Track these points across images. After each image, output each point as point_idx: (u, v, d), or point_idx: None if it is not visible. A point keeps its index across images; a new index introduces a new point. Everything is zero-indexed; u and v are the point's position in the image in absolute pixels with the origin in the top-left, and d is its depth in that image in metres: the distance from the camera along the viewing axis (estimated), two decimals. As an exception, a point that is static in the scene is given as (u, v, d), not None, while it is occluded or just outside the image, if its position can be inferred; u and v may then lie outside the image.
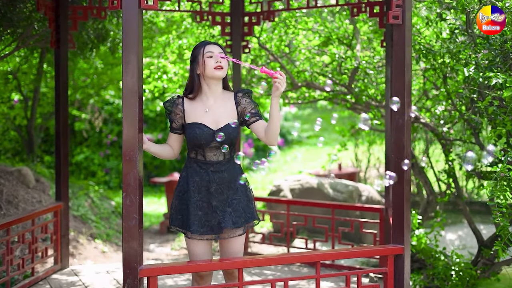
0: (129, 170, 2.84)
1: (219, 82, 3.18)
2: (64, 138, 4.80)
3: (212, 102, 3.17)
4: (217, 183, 3.12)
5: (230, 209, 3.11)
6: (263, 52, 5.93)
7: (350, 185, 6.68)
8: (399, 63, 3.33)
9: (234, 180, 3.15)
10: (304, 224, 5.06)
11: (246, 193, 3.20)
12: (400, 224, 3.37)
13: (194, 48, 3.21)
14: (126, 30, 2.84)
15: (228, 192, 3.14)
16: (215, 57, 3.12)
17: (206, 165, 3.14)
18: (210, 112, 3.15)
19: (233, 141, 3.15)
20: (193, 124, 3.13)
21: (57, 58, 4.80)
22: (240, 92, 3.22)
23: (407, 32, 3.33)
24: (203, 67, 3.12)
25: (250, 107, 3.18)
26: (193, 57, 3.18)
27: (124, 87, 2.85)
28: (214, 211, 3.11)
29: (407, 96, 3.34)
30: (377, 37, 5.87)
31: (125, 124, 2.84)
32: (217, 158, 3.14)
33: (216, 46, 3.17)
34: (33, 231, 4.50)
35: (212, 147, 3.13)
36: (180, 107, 3.18)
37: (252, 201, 3.22)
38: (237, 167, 3.21)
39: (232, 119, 3.15)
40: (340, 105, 5.91)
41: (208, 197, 3.12)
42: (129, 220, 2.86)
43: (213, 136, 3.09)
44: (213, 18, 5.15)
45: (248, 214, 3.17)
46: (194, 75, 3.17)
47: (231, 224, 3.08)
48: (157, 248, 6.68)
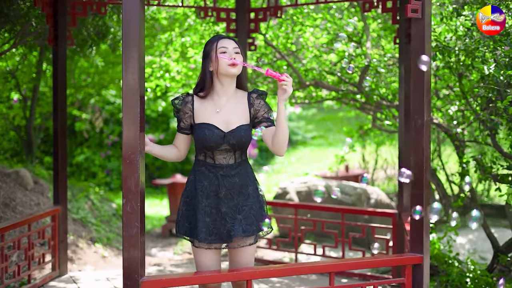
0: (129, 174, 2.64)
1: (233, 80, 2.96)
2: (63, 138, 4.60)
3: (224, 102, 2.95)
4: (227, 188, 2.90)
5: (240, 216, 2.89)
6: (269, 50, 5.71)
7: (358, 188, 6.47)
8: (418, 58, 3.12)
9: (246, 185, 2.94)
10: (313, 229, 4.85)
11: (259, 199, 2.98)
12: (419, 232, 3.16)
13: (207, 43, 2.99)
14: (126, 23, 2.64)
15: (239, 198, 2.92)
16: (229, 53, 2.89)
17: (215, 168, 2.92)
18: (222, 112, 2.93)
19: (245, 144, 2.93)
20: (203, 124, 2.91)
21: (55, 55, 4.60)
22: (254, 93, 3.00)
23: (427, 27, 3.12)
24: (216, 63, 2.89)
25: (264, 111, 2.96)
26: (205, 53, 2.96)
27: (125, 85, 2.65)
28: (223, 218, 2.89)
29: (427, 95, 3.13)
30: (388, 34, 5.66)
31: (125, 124, 2.64)
32: (227, 161, 2.93)
33: (231, 41, 2.94)
34: (30, 237, 4.29)
35: (222, 150, 2.91)
36: (190, 106, 2.96)
37: (264, 209, 3.00)
38: (249, 172, 2.99)
39: (245, 121, 2.94)
40: (349, 105, 5.69)
41: (217, 202, 2.90)
42: (130, 228, 2.65)
43: (223, 138, 2.88)
44: (217, 14, 4.94)
45: (260, 222, 2.94)
46: (206, 72, 2.94)
47: (241, 233, 2.86)
48: (159, 253, 6.47)
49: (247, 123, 2.94)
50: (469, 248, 6.75)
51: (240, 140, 2.88)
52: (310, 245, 5.05)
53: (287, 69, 5.59)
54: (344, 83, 5.30)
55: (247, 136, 2.91)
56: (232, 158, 2.93)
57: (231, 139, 2.88)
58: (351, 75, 5.24)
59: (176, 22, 6.68)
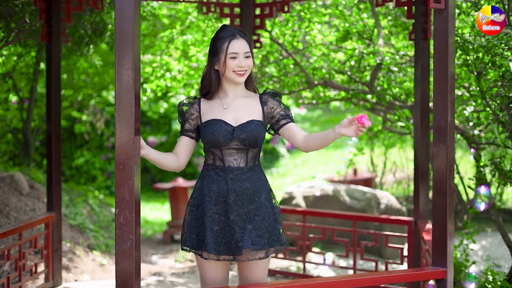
0: (123, 182, 2.36)
1: (241, 84, 2.74)
2: (56, 141, 4.33)
3: (231, 100, 2.71)
4: (236, 193, 2.62)
5: (250, 226, 2.61)
6: (275, 48, 5.44)
7: (367, 192, 6.18)
8: (441, 55, 2.85)
9: (258, 193, 2.66)
10: (322, 238, 4.57)
11: (273, 210, 2.70)
12: (442, 243, 2.88)
13: (217, 37, 2.70)
14: (120, 14, 2.37)
15: (250, 206, 2.64)
16: (239, 59, 2.65)
17: (224, 171, 2.65)
18: (229, 108, 2.69)
19: (256, 141, 2.65)
20: (210, 121, 2.66)
21: (49, 53, 4.33)
22: (266, 94, 2.76)
23: (450, 19, 2.85)
24: (224, 67, 2.65)
25: (279, 108, 2.72)
26: (213, 50, 2.69)
27: (118, 82, 2.38)
28: (232, 227, 2.60)
29: (450, 93, 2.86)
30: (399, 32, 5.38)
31: (118, 126, 2.37)
32: (238, 163, 2.66)
33: (243, 41, 2.68)
34: (21, 246, 4.02)
35: (232, 148, 2.64)
36: (196, 107, 2.72)
37: (279, 221, 2.72)
38: (262, 179, 2.72)
39: (257, 117, 2.69)
40: (358, 106, 5.41)
41: (225, 209, 2.62)
42: (123, 242, 2.38)
43: (232, 133, 2.62)
44: (221, 10, 4.67)
45: (273, 236, 2.65)
46: (212, 70, 2.70)
47: (250, 245, 2.57)
48: (160, 260, 6.19)
49: (260, 119, 2.69)
50: (482, 254, 6.48)
51: (251, 135, 2.62)
52: (319, 254, 4.74)
53: (294, 68, 5.32)
54: (354, 83, 5.01)
55: (258, 130, 2.65)
56: (243, 160, 2.66)
57: (241, 133, 2.62)
58: (361, 74, 4.96)
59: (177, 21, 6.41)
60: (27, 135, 7.39)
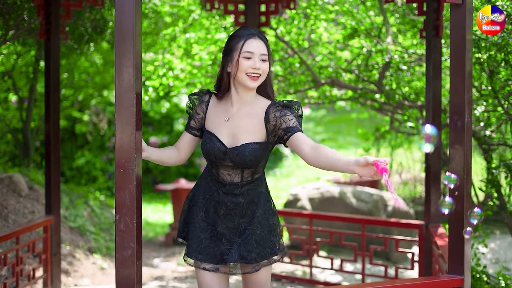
0: (123, 186, 2.22)
1: (252, 89, 2.49)
2: (55, 142, 4.19)
3: (234, 111, 2.49)
4: (227, 207, 2.49)
5: (239, 239, 2.47)
6: (280, 46, 5.29)
7: (374, 194, 6.03)
8: (457, 51, 2.71)
9: (252, 207, 2.50)
10: (330, 242, 4.42)
11: (268, 222, 2.53)
12: (459, 251, 2.74)
13: (233, 36, 2.49)
14: (120, 8, 2.23)
15: (241, 220, 2.50)
16: (255, 60, 2.41)
17: (218, 183, 2.51)
18: (231, 122, 2.48)
19: (250, 166, 2.45)
20: (207, 133, 2.50)
21: (48, 51, 4.20)
22: (274, 106, 2.46)
23: (468, 14, 2.71)
24: (236, 68, 2.43)
25: (281, 123, 2.41)
26: (227, 49, 2.48)
27: (118, 81, 2.24)
28: (219, 238, 2.49)
29: (468, 91, 2.71)
30: (407, 29, 5.24)
31: (118, 127, 2.23)
32: (232, 179, 2.49)
33: (260, 42, 2.44)
34: (18, 251, 3.88)
35: (227, 165, 2.48)
36: (204, 107, 2.54)
37: (275, 233, 2.55)
38: (260, 192, 2.53)
39: (256, 139, 2.44)
40: (366, 106, 5.26)
41: (214, 220, 2.51)
42: (123, 250, 2.23)
43: (225, 154, 2.45)
44: (225, 6, 4.53)
45: (267, 248, 2.50)
46: (224, 72, 2.50)
47: (236, 258, 2.44)
48: (162, 263, 6.05)
49: (259, 141, 2.44)
50: (491, 257, 6.34)
51: (243, 160, 2.42)
52: (327, 259, 4.59)
53: (299, 67, 5.17)
54: (362, 82, 4.86)
55: (252, 157, 2.42)
56: (238, 176, 2.49)
57: (234, 157, 2.44)
58: (369, 72, 4.81)
59: (180, 19, 6.27)
60: (26, 135, 7.26)
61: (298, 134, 2.38)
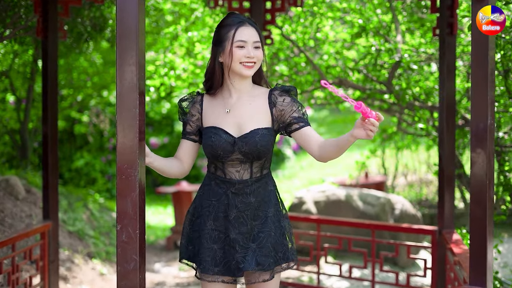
0: (125, 194, 2.06)
1: (248, 78, 2.38)
2: (53, 143, 4.02)
3: (234, 101, 2.36)
4: (238, 209, 2.32)
5: (254, 244, 2.31)
6: (286, 45, 5.13)
7: (381, 197, 5.87)
8: (480, 48, 2.55)
9: (264, 207, 2.34)
10: (338, 247, 4.26)
11: (280, 224, 2.38)
12: (481, 260, 2.58)
13: (222, 24, 2.36)
14: (121, 1, 2.07)
15: (254, 222, 2.33)
16: (248, 48, 2.30)
17: (226, 184, 2.34)
18: (233, 112, 2.34)
19: (261, 155, 2.32)
20: (209, 129, 2.34)
21: (45, 49, 4.03)
22: (276, 90, 2.37)
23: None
24: (230, 59, 2.30)
25: (291, 109, 2.33)
26: (218, 39, 2.35)
27: (119, 80, 2.07)
28: (233, 246, 2.31)
29: (490, 91, 2.55)
30: (417, 27, 5.08)
31: (120, 130, 2.06)
32: (241, 176, 2.34)
33: (252, 29, 2.33)
34: (14, 258, 3.71)
35: (234, 161, 2.33)
36: (198, 106, 2.39)
37: (287, 236, 2.40)
38: (270, 190, 2.39)
39: (263, 124, 2.32)
40: (374, 106, 5.10)
41: (226, 226, 2.33)
42: (125, 263, 2.07)
43: (233, 145, 2.29)
44: (229, 3, 4.37)
45: (279, 253, 2.34)
46: (216, 62, 2.36)
47: (253, 266, 2.27)
48: (163, 268, 5.89)
49: (266, 127, 2.33)
50: (500, 261, 6.19)
51: (255, 148, 2.28)
52: (334, 264, 4.43)
53: (305, 66, 5.01)
54: (370, 82, 4.70)
55: (264, 142, 2.30)
56: (247, 172, 2.34)
57: (243, 146, 2.29)
58: (378, 72, 4.64)
59: (181, 17, 6.10)
60: (24, 137, 7.10)
61: (308, 129, 2.33)
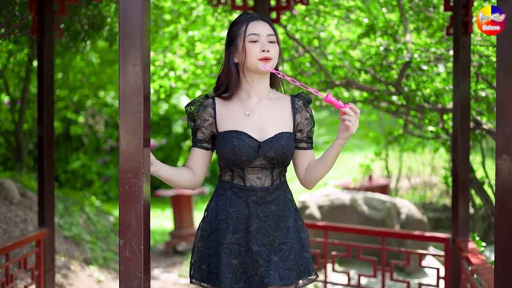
0: (129, 206, 1.88)
1: (265, 77, 2.23)
2: (49, 145, 3.84)
3: (255, 104, 2.21)
4: (259, 218, 2.16)
5: (276, 257, 2.15)
6: (290, 44, 4.96)
7: (387, 201, 5.71)
8: (506, 47, 2.38)
9: (285, 216, 2.20)
10: (346, 255, 4.10)
11: (300, 236, 2.24)
12: (507, 273, 2.41)
13: (233, 24, 2.24)
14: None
15: (276, 233, 2.17)
16: (262, 42, 2.16)
17: (245, 192, 2.17)
18: (254, 115, 2.19)
19: (286, 160, 2.19)
20: (229, 133, 2.17)
21: (41, 48, 3.85)
22: (299, 98, 2.26)
23: (517, 6, 2.39)
24: (243, 55, 2.16)
25: (308, 127, 2.26)
26: (230, 38, 2.22)
27: (122, 82, 1.90)
28: (255, 259, 2.14)
29: (517, 95, 2.39)
30: (426, 27, 4.92)
31: (123, 136, 1.89)
32: (262, 183, 2.18)
33: (264, 24, 2.20)
34: (8, 268, 3.53)
35: (256, 167, 2.17)
36: (211, 110, 2.21)
37: (306, 248, 2.25)
38: (289, 198, 2.25)
39: (286, 129, 2.19)
40: (383, 108, 4.94)
41: (246, 238, 2.16)
42: (128, 280, 1.90)
43: (258, 150, 2.14)
44: (232, 1, 4.19)
45: (301, 266, 2.20)
46: (231, 64, 2.21)
47: (278, 280, 2.12)
48: (162, 274, 5.71)
49: (289, 131, 2.20)
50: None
51: (281, 152, 2.15)
52: (343, 274, 4.26)
53: (310, 66, 4.85)
54: (378, 82, 4.54)
55: (289, 146, 2.17)
56: (268, 179, 2.19)
57: (269, 151, 2.14)
58: (387, 73, 4.48)
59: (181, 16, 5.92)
60: (19, 138, 6.92)
61: (311, 152, 2.29)
